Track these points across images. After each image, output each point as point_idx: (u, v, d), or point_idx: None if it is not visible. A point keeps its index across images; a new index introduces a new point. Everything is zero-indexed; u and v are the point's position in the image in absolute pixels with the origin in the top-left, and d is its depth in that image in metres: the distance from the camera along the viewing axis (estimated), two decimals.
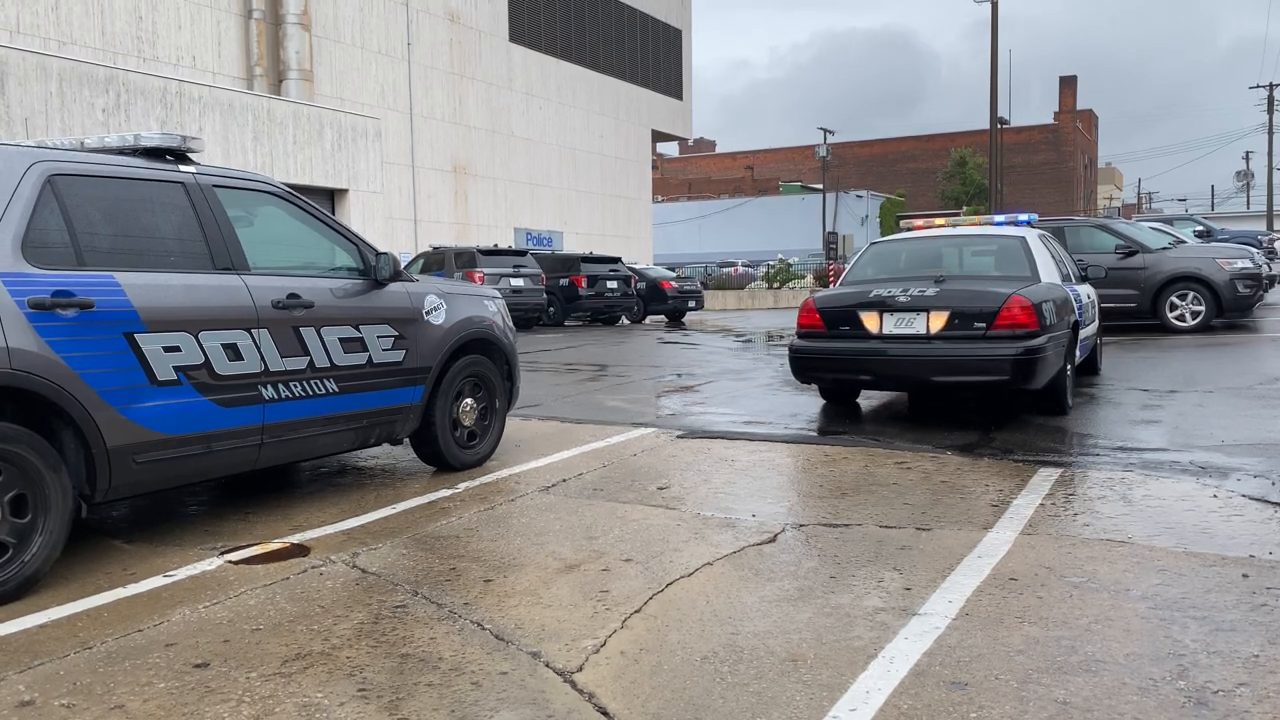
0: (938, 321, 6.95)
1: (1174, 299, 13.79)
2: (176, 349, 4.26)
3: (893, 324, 7.10)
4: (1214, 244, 18.20)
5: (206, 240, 4.55)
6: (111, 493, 4.09)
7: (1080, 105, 75.98)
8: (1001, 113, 31.66)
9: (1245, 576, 3.74)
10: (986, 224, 8.95)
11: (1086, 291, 8.86)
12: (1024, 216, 8.87)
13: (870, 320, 7.19)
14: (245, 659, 3.16)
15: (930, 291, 7.07)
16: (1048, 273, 7.71)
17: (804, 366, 7.59)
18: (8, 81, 15.28)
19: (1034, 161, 70.68)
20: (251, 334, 4.60)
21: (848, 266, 8.62)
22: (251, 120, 19.35)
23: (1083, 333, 8.21)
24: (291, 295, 4.83)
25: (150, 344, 4.15)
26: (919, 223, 9.28)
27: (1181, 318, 13.73)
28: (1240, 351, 11.56)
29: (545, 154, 32.58)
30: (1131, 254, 13.92)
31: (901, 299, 7.08)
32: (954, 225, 9.07)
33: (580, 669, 3.05)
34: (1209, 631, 3.21)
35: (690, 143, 57.97)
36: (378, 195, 22.33)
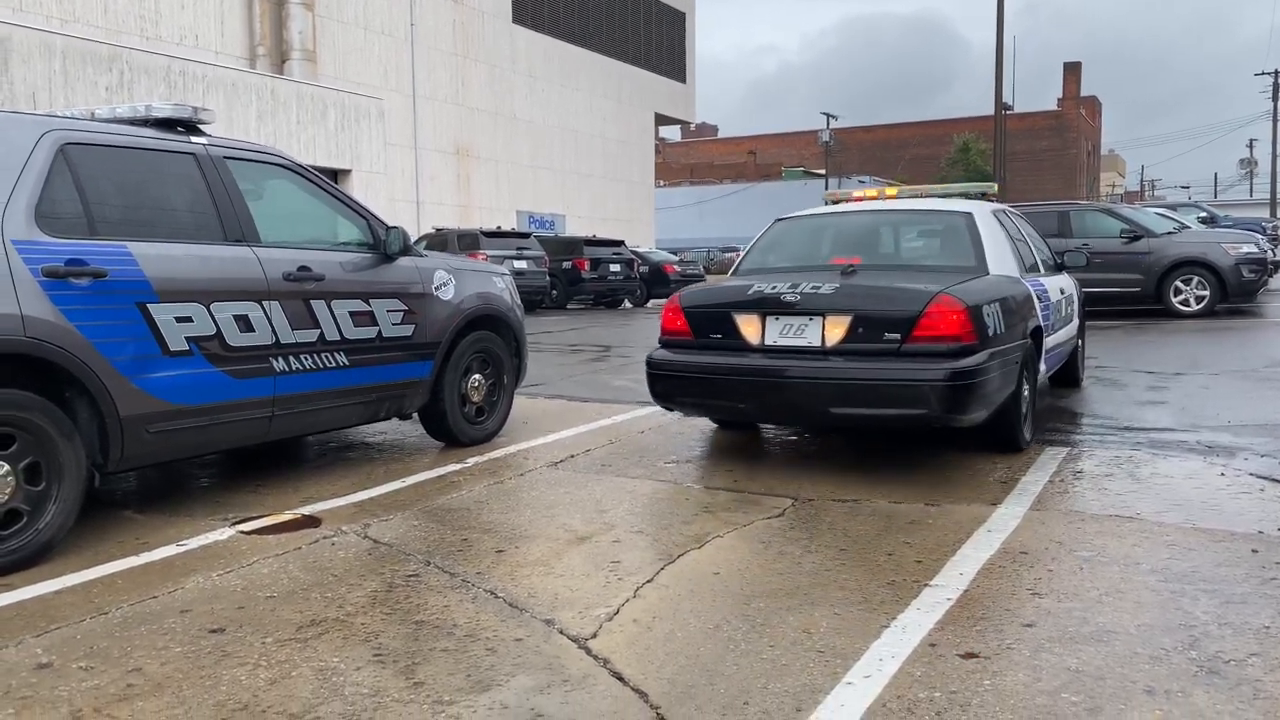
0: (836, 330, 5.04)
1: (1179, 283, 13.78)
2: (189, 320, 4.26)
3: (778, 332, 5.20)
4: (1219, 229, 18.18)
5: (218, 211, 4.55)
6: (124, 463, 4.11)
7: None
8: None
9: (1254, 551, 3.75)
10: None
11: (1060, 285, 6.93)
12: (978, 188, 7.14)
13: (749, 327, 5.27)
14: (260, 625, 3.18)
15: (827, 289, 5.15)
16: (1000, 261, 5.78)
17: (663, 389, 5.55)
18: (11, 59, 15.23)
19: (1037, 148, 70.50)
20: (263, 306, 4.60)
21: (742, 251, 6.68)
22: (255, 100, 19.30)
23: (1050, 340, 6.35)
24: (302, 268, 4.83)
25: (163, 314, 4.16)
26: (858, 194, 7.11)
27: (1186, 302, 13.73)
28: (1245, 335, 11.57)
29: (548, 137, 32.49)
30: (1136, 238, 13.91)
31: (789, 297, 5.17)
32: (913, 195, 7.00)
33: (594, 636, 3.06)
34: (1219, 604, 3.23)
35: (693, 127, 57.79)
36: (380, 176, 22.30)
